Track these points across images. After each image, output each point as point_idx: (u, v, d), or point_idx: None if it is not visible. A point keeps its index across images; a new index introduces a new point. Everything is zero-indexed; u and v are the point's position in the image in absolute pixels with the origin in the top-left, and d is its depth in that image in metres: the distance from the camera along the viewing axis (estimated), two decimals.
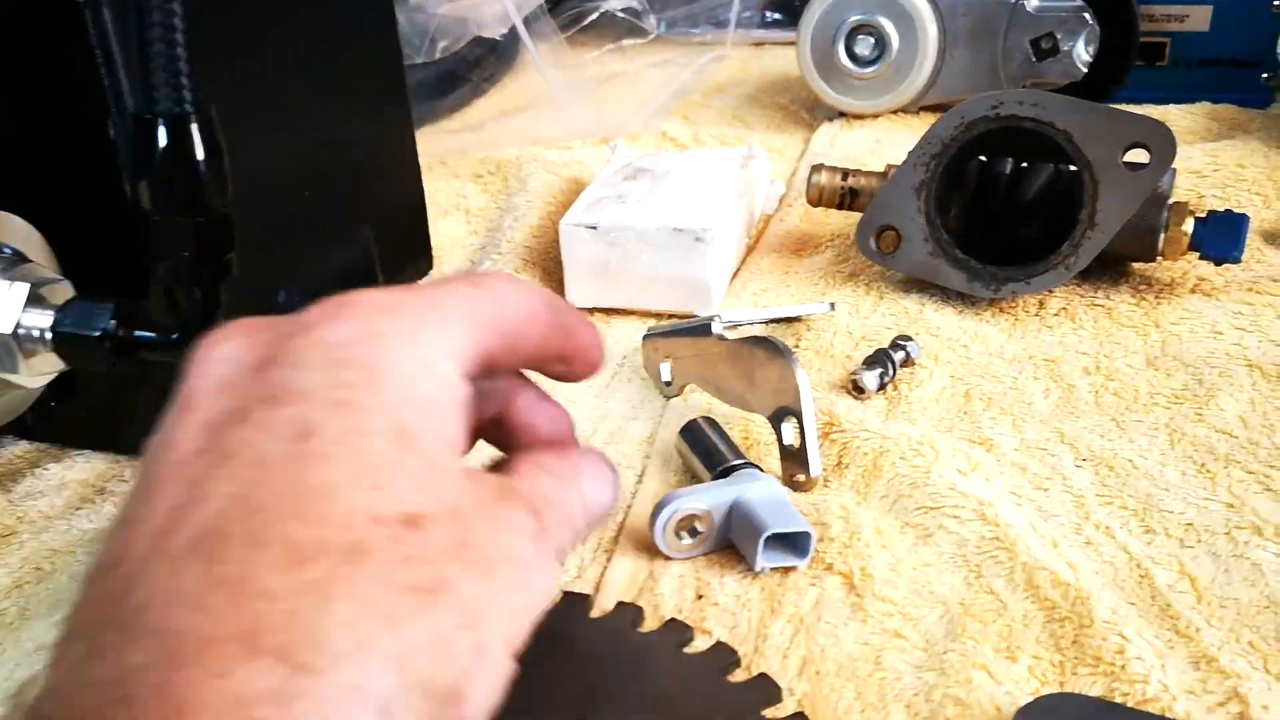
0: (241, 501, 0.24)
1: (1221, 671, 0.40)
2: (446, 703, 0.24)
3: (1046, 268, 0.65)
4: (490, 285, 0.30)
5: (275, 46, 0.60)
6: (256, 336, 0.29)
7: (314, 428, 0.25)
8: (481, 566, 0.26)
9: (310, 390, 0.26)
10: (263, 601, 0.23)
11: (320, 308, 0.29)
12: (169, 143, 0.41)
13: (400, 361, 0.27)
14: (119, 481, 0.59)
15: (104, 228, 0.54)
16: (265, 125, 0.60)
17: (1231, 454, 0.53)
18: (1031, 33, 0.89)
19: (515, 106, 1.02)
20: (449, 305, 0.29)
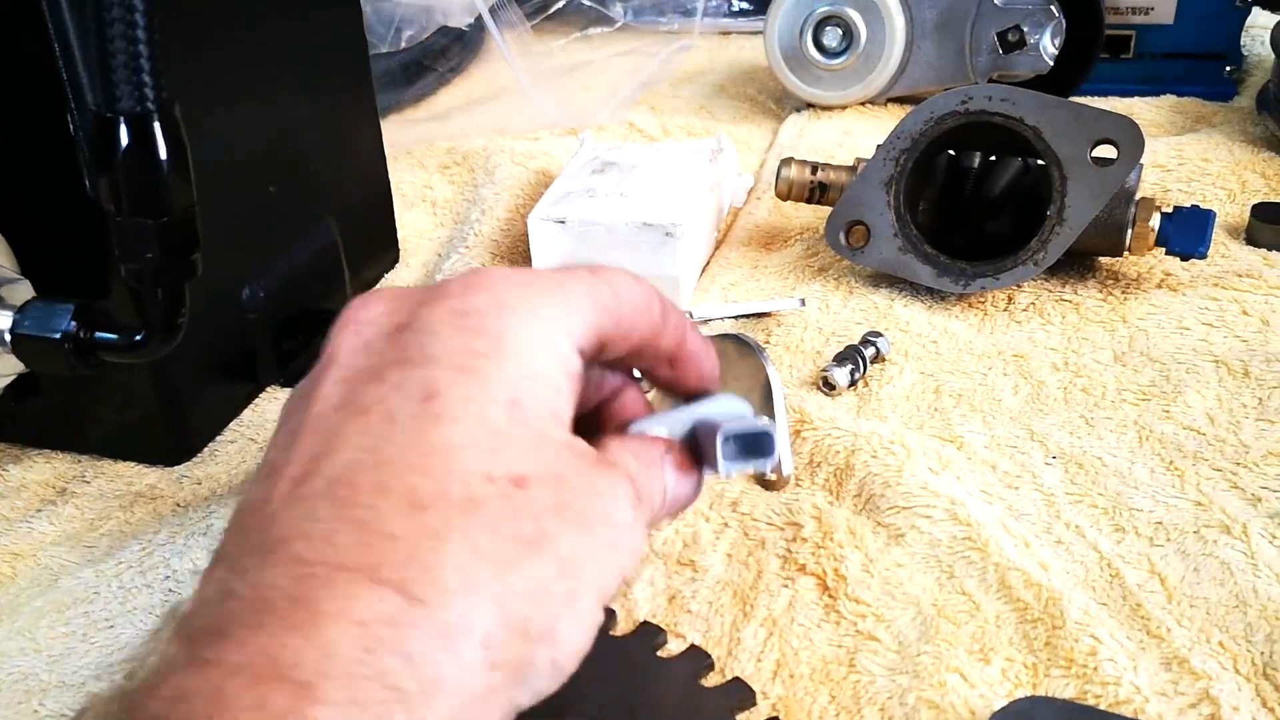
0: (371, 453, 0.27)
1: (1193, 673, 0.41)
2: (540, 642, 0.27)
3: (1015, 263, 0.65)
4: (611, 275, 0.33)
5: (237, 35, 0.59)
6: (397, 303, 0.31)
7: (440, 390, 0.28)
8: (580, 524, 0.29)
9: (440, 355, 0.29)
10: (385, 541, 0.26)
11: (457, 278, 0.31)
12: (131, 142, 0.40)
13: (523, 334, 0.30)
14: (80, 482, 0.58)
15: (63, 225, 0.53)
16: (227, 117, 0.59)
17: (1199, 451, 0.53)
18: (998, 25, 0.89)
19: (481, 96, 1.01)
20: (572, 286, 0.31)
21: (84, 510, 0.56)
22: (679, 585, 0.48)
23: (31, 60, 0.48)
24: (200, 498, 0.56)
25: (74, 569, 0.51)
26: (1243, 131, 0.84)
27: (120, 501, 0.56)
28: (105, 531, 0.54)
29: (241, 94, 0.60)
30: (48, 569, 0.52)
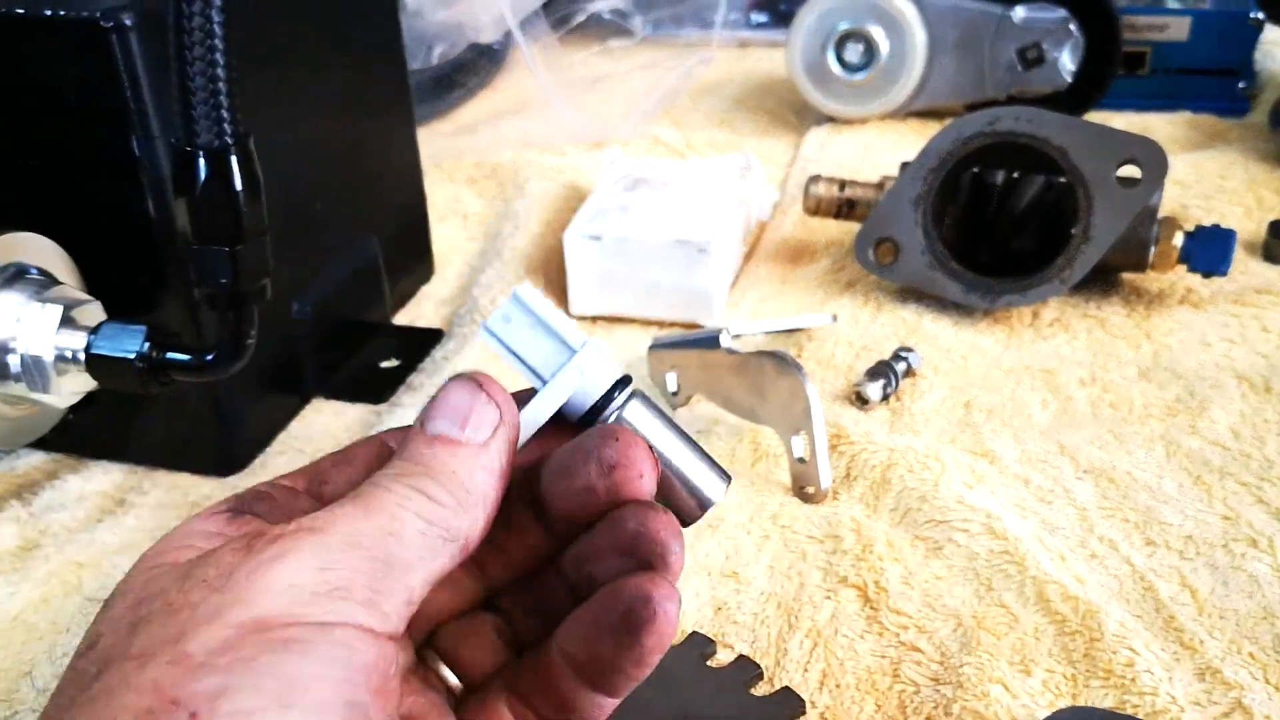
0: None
1: (1225, 683, 0.43)
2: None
3: (1041, 280, 0.67)
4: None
5: (285, 59, 0.61)
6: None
7: None
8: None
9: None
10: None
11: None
12: (209, 175, 0.42)
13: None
14: (138, 493, 0.59)
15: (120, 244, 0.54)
16: (278, 139, 0.60)
17: (1225, 466, 0.55)
18: (1018, 42, 0.91)
19: (507, 109, 1.02)
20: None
21: (144, 520, 0.57)
22: (724, 596, 0.50)
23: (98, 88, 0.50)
24: None
25: None
26: (1257, 149, 0.86)
27: (178, 512, 0.58)
28: None
29: (291, 117, 0.62)
30: (112, 577, 0.54)
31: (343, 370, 0.68)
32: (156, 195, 0.52)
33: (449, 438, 0.29)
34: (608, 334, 0.71)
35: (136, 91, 0.51)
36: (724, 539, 0.53)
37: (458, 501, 0.29)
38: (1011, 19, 0.90)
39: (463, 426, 0.30)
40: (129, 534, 0.56)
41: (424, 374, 0.68)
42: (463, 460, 0.29)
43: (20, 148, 0.53)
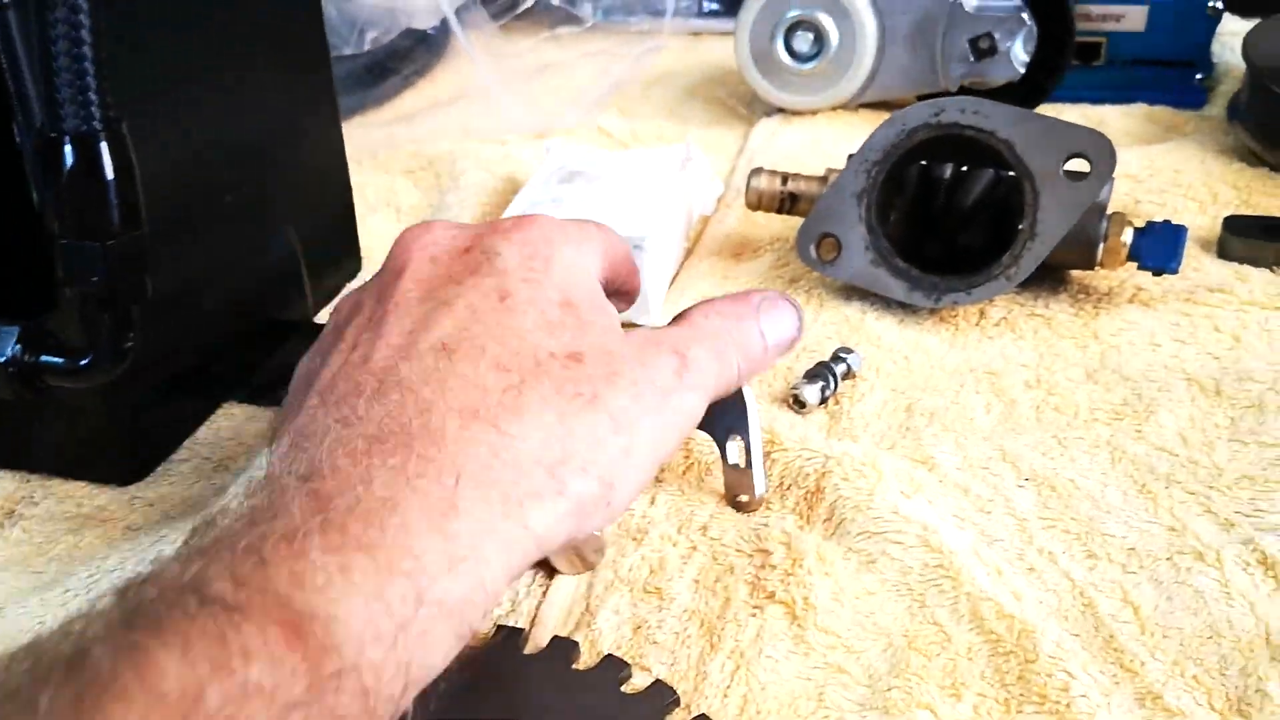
0: (462, 330, 0.36)
1: (1167, 709, 0.40)
2: (599, 483, 0.35)
3: (987, 278, 0.64)
4: (611, 233, 0.44)
5: (187, 36, 0.57)
6: (459, 231, 0.41)
7: (510, 291, 0.38)
8: (628, 390, 0.37)
9: (507, 269, 0.38)
10: (480, 391, 0.35)
11: (509, 219, 0.41)
12: (76, 163, 0.39)
13: (566, 256, 0.40)
14: (29, 503, 0.56)
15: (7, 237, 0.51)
16: (179, 124, 0.57)
17: (1172, 474, 0.52)
18: (970, 32, 0.88)
19: (447, 98, 0.99)
20: (595, 234, 0.43)
21: (32, 534, 0.54)
22: (645, 614, 0.47)
23: None
24: (152, 520, 0.54)
25: (21, 597, 0.49)
26: (1215, 141, 0.84)
27: (70, 524, 0.54)
28: (54, 556, 0.52)
29: (194, 99, 0.58)
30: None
31: (258, 372, 0.64)
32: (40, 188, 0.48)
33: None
34: None
35: (16, 75, 0.46)
36: (649, 551, 0.50)
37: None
38: (963, 8, 0.88)
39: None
40: (14, 548, 0.53)
41: None
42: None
43: None
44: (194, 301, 0.59)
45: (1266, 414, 0.56)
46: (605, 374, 0.36)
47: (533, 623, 0.46)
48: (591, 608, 0.47)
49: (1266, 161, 0.80)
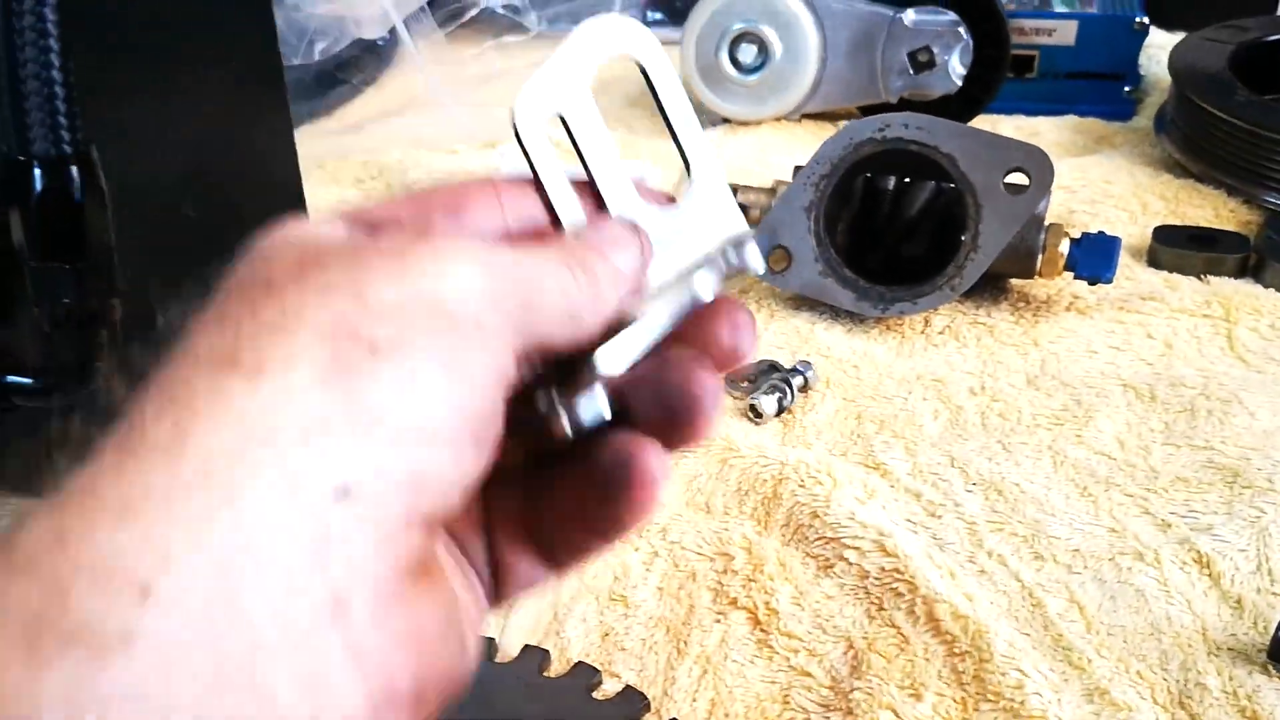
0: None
1: (1114, 704, 0.42)
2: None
3: (932, 288, 0.66)
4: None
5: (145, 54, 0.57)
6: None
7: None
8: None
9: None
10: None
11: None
12: (46, 187, 0.39)
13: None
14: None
15: None
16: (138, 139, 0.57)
17: (1111, 477, 0.55)
18: (909, 45, 0.90)
19: (395, 107, 0.99)
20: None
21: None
22: (611, 622, 0.48)
23: None
24: None
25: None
26: (1142, 153, 0.87)
27: None
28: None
29: (152, 114, 0.58)
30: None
31: None
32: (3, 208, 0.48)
33: (601, 253, 0.30)
34: None
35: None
36: (612, 558, 0.51)
37: (584, 287, 0.29)
38: (903, 21, 0.90)
39: (614, 249, 0.31)
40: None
41: None
42: (605, 274, 0.30)
43: None
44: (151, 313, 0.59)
45: (1197, 418, 0.58)
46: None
47: (501, 632, 0.47)
48: (559, 616, 0.48)
49: (1192, 172, 0.83)
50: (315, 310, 0.25)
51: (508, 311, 0.27)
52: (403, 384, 0.25)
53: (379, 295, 0.26)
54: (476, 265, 0.27)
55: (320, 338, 0.25)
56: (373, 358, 0.25)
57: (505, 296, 0.28)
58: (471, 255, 0.28)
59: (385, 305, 0.26)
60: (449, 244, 0.28)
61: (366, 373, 0.25)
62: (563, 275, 0.29)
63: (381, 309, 0.25)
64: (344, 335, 0.25)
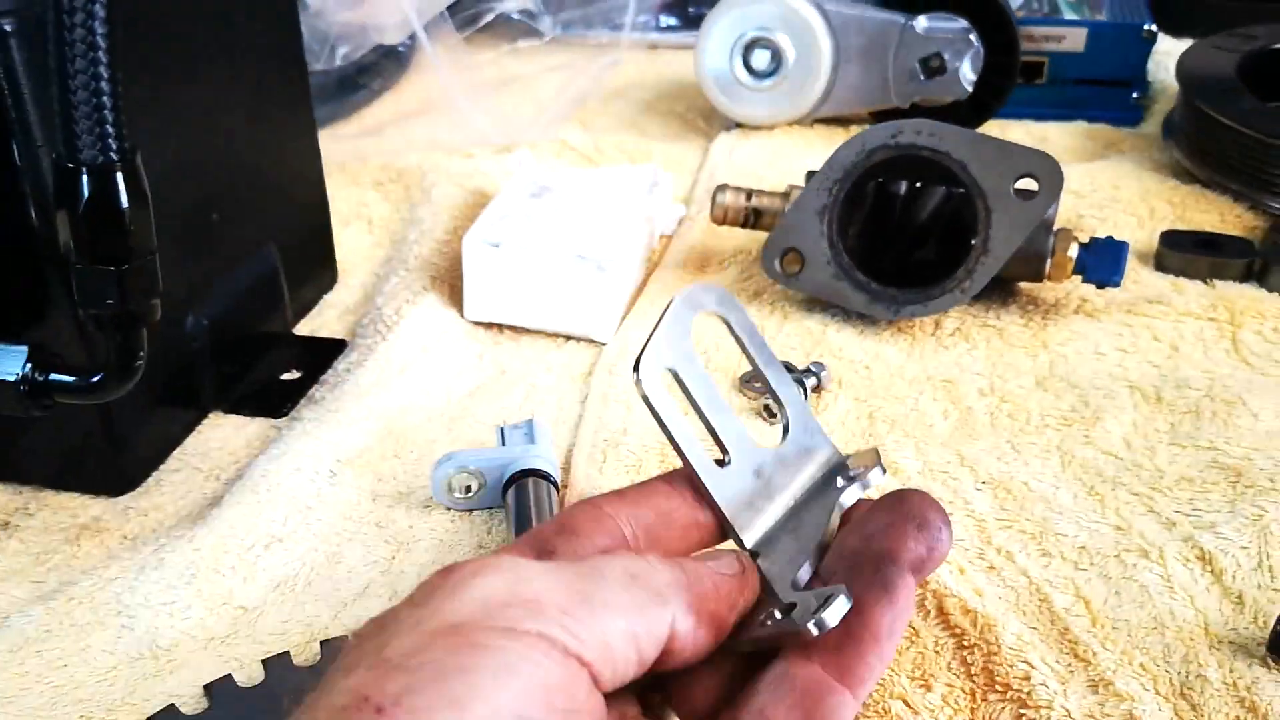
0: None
1: (1117, 695, 0.44)
2: None
3: (942, 291, 0.68)
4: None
5: (176, 63, 0.59)
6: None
7: None
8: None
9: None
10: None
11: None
12: (93, 193, 0.41)
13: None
14: (23, 515, 0.57)
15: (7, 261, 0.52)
16: (170, 146, 0.58)
17: (1118, 476, 0.56)
18: (920, 52, 0.92)
19: (414, 110, 1.01)
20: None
21: (29, 544, 0.55)
22: None
23: None
24: (148, 529, 0.56)
25: (24, 606, 0.51)
26: (1150, 159, 0.88)
27: (66, 535, 0.56)
28: (53, 566, 0.54)
29: (185, 123, 0.60)
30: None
31: (241, 383, 0.66)
32: (39, 208, 0.50)
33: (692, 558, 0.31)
34: (514, 345, 0.70)
35: (17, 99, 0.48)
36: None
37: (672, 580, 0.29)
38: (914, 29, 0.91)
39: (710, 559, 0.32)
40: (12, 559, 0.54)
41: (326, 386, 0.66)
42: (694, 566, 0.30)
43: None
44: (181, 316, 0.61)
45: (1202, 419, 0.60)
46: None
47: None
48: None
49: (1198, 178, 0.84)
50: (332, 692, 0.26)
51: (549, 610, 0.26)
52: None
53: (397, 647, 0.26)
54: (500, 576, 0.27)
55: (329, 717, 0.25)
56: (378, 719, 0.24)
57: (547, 596, 0.27)
58: (495, 569, 0.27)
59: (399, 655, 0.25)
60: (470, 565, 0.27)
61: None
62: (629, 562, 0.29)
63: (395, 660, 0.25)
64: (352, 706, 0.25)
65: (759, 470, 0.38)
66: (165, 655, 0.48)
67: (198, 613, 0.50)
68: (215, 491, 0.58)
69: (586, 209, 0.74)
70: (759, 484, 0.38)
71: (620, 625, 0.28)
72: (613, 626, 0.27)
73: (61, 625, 0.49)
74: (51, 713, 0.46)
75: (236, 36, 0.65)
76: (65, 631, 0.49)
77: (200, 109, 0.61)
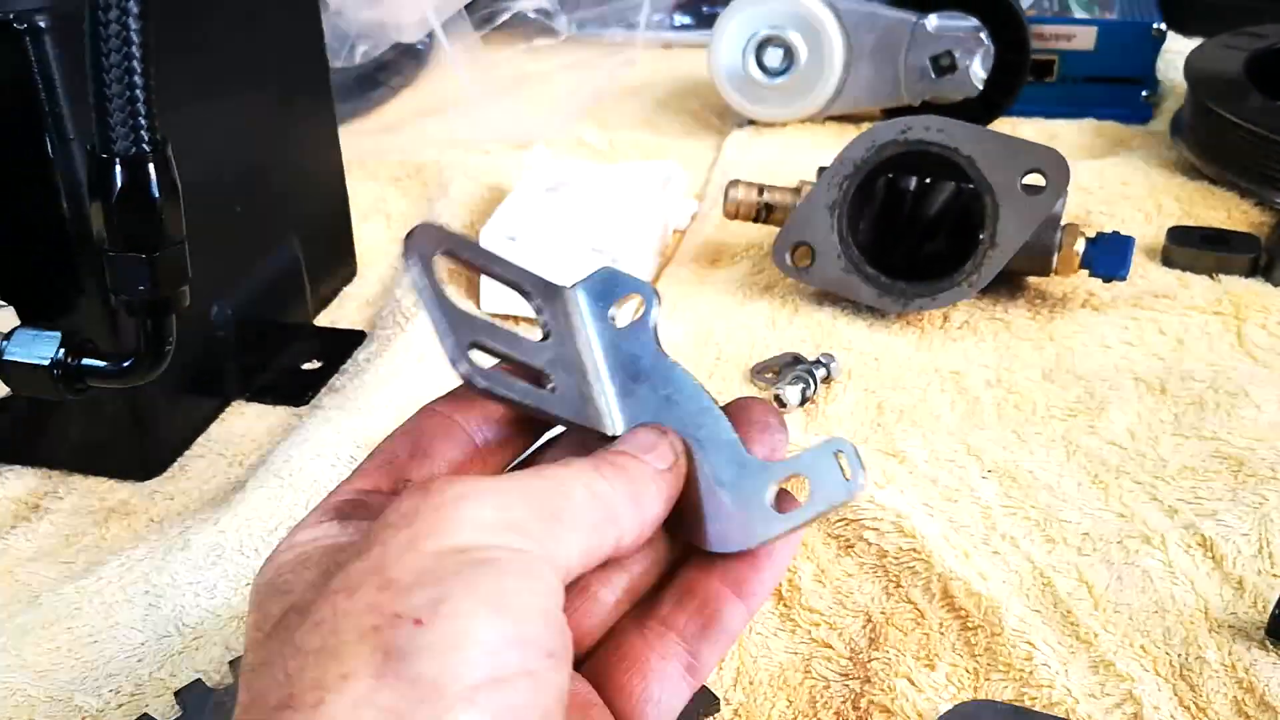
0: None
1: (1118, 675, 0.45)
2: None
3: (950, 285, 0.69)
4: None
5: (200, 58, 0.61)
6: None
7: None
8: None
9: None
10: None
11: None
12: (126, 183, 0.42)
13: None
14: (53, 498, 0.59)
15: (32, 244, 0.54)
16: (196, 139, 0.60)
17: (1122, 465, 0.57)
18: (931, 50, 0.93)
19: (432, 106, 1.02)
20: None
21: (59, 526, 0.57)
22: None
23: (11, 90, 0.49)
24: (174, 513, 0.58)
25: (55, 586, 0.52)
26: (1158, 156, 0.89)
27: (94, 517, 0.57)
28: (82, 547, 0.55)
29: (211, 118, 0.61)
30: (27, 586, 0.53)
31: (264, 372, 0.68)
32: (71, 198, 0.51)
33: (632, 454, 0.32)
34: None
35: (51, 94, 0.50)
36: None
37: (626, 495, 0.31)
38: (925, 27, 0.92)
39: (645, 452, 0.32)
40: (44, 540, 0.56)
41: (346, 376, 0.68)
42: (638, 471, 0.31)
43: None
44: (206, 307, 0.62)
45: (1206, 410, 0.61)
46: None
47: None
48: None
49: (1206, 175, 0.85)
50: (347, 615, 0.25)
51: (533, 532, 0.28)
52: (456, 644, 0.25)
53: (402, 568, 0.26)
54: (484, 500, 0.28)
55: (362, 638, 0.25)
56: (419, 631, 0.25)
57: (527, 519, 0.28)
58: (476, 493, 0.28)
59: (411, 574, 0.26)
60: (450, 490, 0.28)
61: (418, 649, 0.25)
62: (591, 479, 0.30)
63: (409, 579, 0.26)
64: (385, 624, 0.25)
65: (555, 359, 0.35)
66: (191, 633, 0.50)
67: (223, 592, 0.51)
68: (239, 477, 0.60)
69: (601, 204, 0.75)
70: (567, 369, 0.35)
71: (581, 543, 0.29)
72: (575, 545, 0.29)
73: (91, 604, 0.51)
74: (83, 685, 0.47)
75: (260, 35, 0.66)
76: (95, 609, 0.51)
77: (225, 105, 0.63)
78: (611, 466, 0.31)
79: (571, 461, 0.31)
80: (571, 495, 0.29)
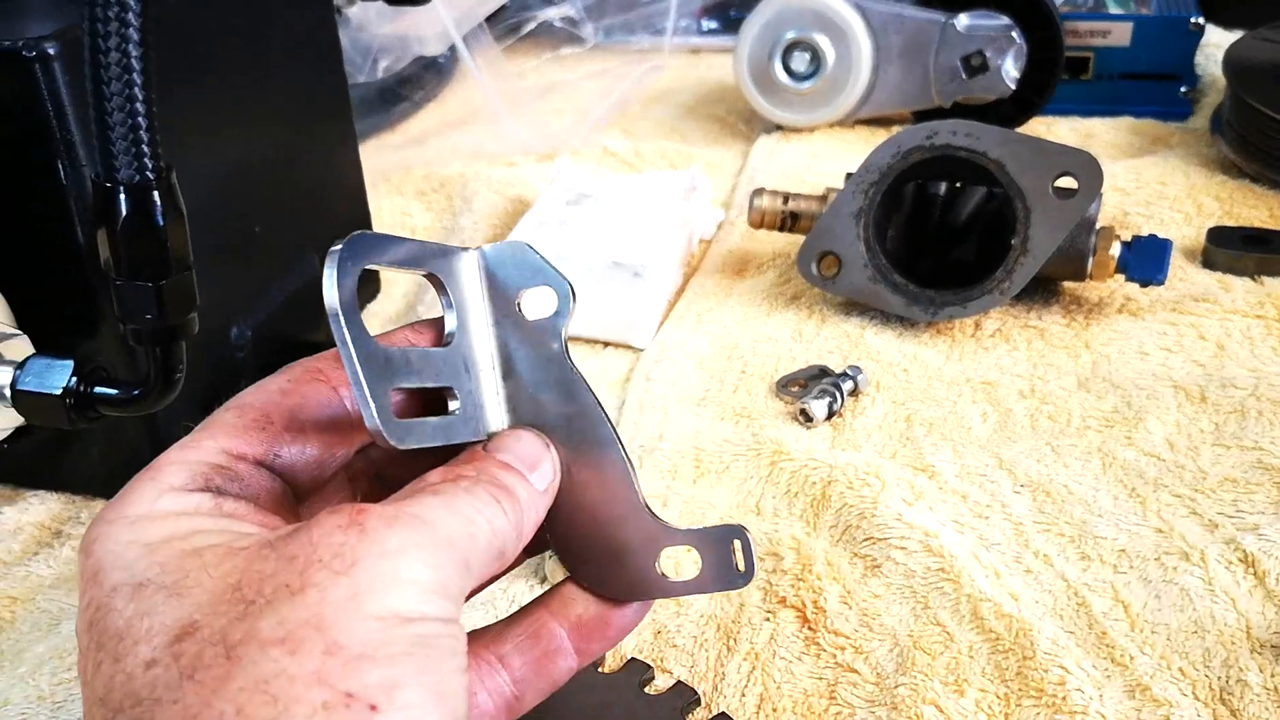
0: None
1: (1154, 700, 0.43)
2: None
3: (982, 292, 0.67)
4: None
5: (218, 75, 0.60)
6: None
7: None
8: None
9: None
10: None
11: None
12: (130, 211, 0.42)
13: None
14: (75, 523, 0.59)
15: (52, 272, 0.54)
16: (212, 158, 0.60)
17: (1160, 478, 0.55)
18: (961, 50, 0.91)
19: (457, 119, 1.02)
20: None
21: None
22: (664, 620, 0.50)
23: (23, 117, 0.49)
24: None
25: (74, 613, 0.52)
26: (1198, 154, 0.87)
27: None
28: None
29: (227, 136, 0.61)
30: (47, 613, 0.53)
31: None
32: (85, 224, 0.51)
33: (519, 471, 0.32)
34: None
35: (62, 121, 0.50)
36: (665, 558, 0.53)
37: (514, 526, 0.31)
38: (955, 27, 0.91)
39: (530, 469, 0.32)
40: (65, 566, 0.56)
41: None
42: (529, 497, 0.32)
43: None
44: (225, 326, 0.62)
45: (1248, 419, 0.59)
46: None
47: None
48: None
49: (1247, 173, 0.83)
50: (294, 681, 0.24)
51: (453, 592, 0.28)
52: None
53: (349, 633, 0.25)
54: (421, 557, 0.27)
55: (313, 716, 0.24)
56: (375, 718, 0.24)
57: (450, 577, 0.28)
58: (415, 547, 0.27)
59: (358, 643, 0.25)
60: (390, 539, 0.27)
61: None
62: (493, 515, 0.30)
63: (356, 649, 0.25)
64: (337, 702, 0.24)
65: (457, 366, 0.33)
66: None
67: None
68: None
69: (623, 215, 0.74)
70: (469, 370, 0.33)
71: (477, 582, 0.30)
72: (473, 585, 0.30)
73: None
74: None
75: (275, 52, 0.66)
76: None
77: (241, 123, 0.63)
78: (509, 497, 0.31)
79: (475, 488, 0.30)
80: (477, 539, 0.29)
